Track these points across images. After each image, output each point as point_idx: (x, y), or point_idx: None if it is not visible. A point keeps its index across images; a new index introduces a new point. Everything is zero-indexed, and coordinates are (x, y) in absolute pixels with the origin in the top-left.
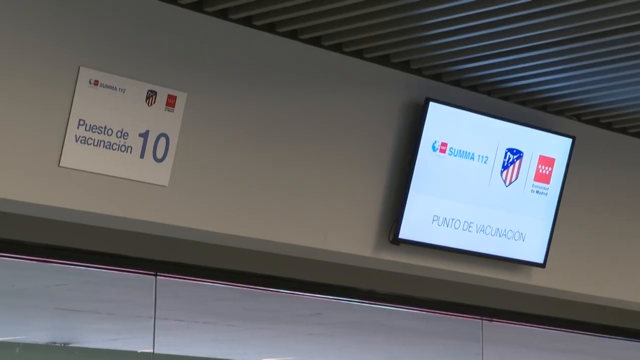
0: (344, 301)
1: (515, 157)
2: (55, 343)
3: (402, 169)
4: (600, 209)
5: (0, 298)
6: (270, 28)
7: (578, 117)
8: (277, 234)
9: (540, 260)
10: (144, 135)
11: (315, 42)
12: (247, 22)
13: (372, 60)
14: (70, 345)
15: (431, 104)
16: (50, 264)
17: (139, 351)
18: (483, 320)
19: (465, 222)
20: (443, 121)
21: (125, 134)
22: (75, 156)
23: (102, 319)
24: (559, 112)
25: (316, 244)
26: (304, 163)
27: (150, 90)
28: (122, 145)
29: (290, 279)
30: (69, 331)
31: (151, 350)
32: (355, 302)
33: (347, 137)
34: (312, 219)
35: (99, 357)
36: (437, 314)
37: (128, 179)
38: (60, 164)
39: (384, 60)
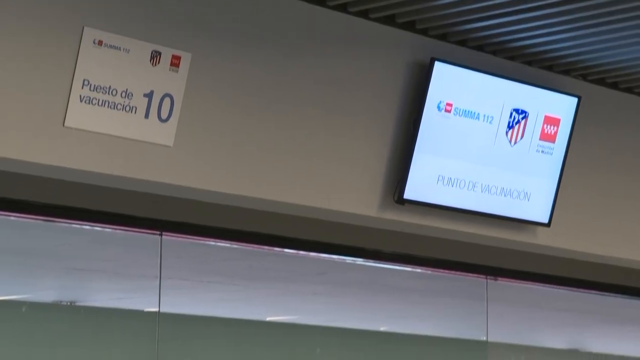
0: (348, 261)
1: (520, 116)
2: (61, 302)
3: (407, 129)
4: (605, 169)
5: (6, 257)
6: None
7: (584, 77)
8: (281, 194)
9: (545, 220)
10: (149, 96)
11: (320, 2)
12: None
13: (377, 20)
14: (76, 304)
15: (436, 63)
16: (56, 223)
17: (145, 310)
18: (488, 279)
19: (470, 182)
20: (448, 81)
21: (130, 94)
22: (80, 116)
23: (108, 278)
24: (565, 72)
25: (320, 204)
26: (308, 124)
27: (155, 51)
28: (126, 106)
29: (295, 238)
30: (74, 290)
31: (157, 309)
32: (360, 262)
33: (352, 98)
34: (316, 179)
35: (105, 316)
36: (442, 273)
37: (133, 139)
38: (65, 124)
39: (389, 21)
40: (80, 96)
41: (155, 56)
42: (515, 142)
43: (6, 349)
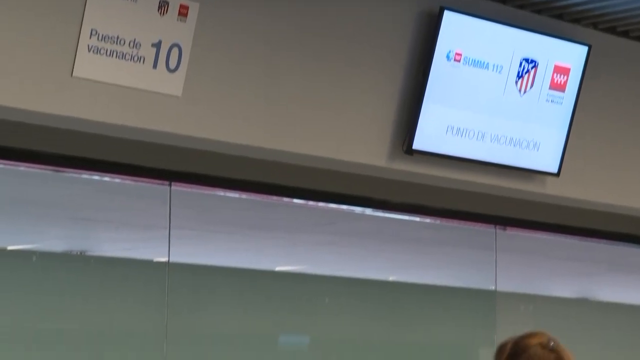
0: (357, 211)
1: (530, 65)
2: (70, 252)
3: (416, 79)
4: (615, 118)
5: (15, 207)
6: None
7: (594, 26)
8: (290, 145)
9: (555, 170)
10: (157, 46)
11: None
12: None
13: None
14: (85, 254)
15: (446, 12)
16: (64, 173)
17: (154, 260)
18: (496, 229)
19: (479, 131)
20: (458, 30)
21: (138, 44)
22: (88, 66)
23: (117, 228)
24: (575, 21)
25: (329, 154)
26: (316, 75)
27: (163, 0)
28: (134, 56)
29: (304, 188)
30: (84, 240)
31: (166, 260)
32: (369, 212)
33: (361, 48)
34: (325, 130)
35: (115, 266)
36: (451, 223)
37: (141, 89)
38: (73, 74)
39: None
40: (89, 46)
41: (163, 5)
42: (524, 92)
43: (16, 298)
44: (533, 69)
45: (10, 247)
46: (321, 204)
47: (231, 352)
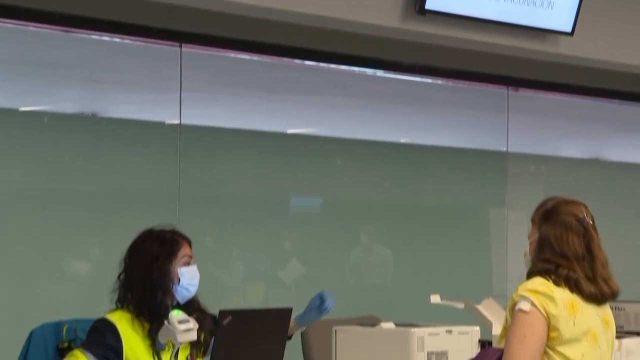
0: (369, 72)
1: None
2: (82, 113)
3: None
4: None
5: (26, 68)
6: None
7: None
8: (301, 5)
9: (569, 29)
10: None
11: None
12: None
13: None
14: (97, 115)
15: None
16: (74, 34)
17: (166, 122)
18: (509, 90)
19: None
20: None
21: None
22: None
23: (128, 90)
24: None
25: (341, 15)
26: None
27: None
28: None
29: (315, 50)
30: (95, 102)
31: (178, 122)
32: (381, 74)
33: None
34: None
35: (126, 128)
36: (463, 85)
37: None
38: None
39: None
40: None
41: None
42: None
43: (28, 159)
44: None
45: (22, 108)
46: (333, 66)
47: (243, 213)
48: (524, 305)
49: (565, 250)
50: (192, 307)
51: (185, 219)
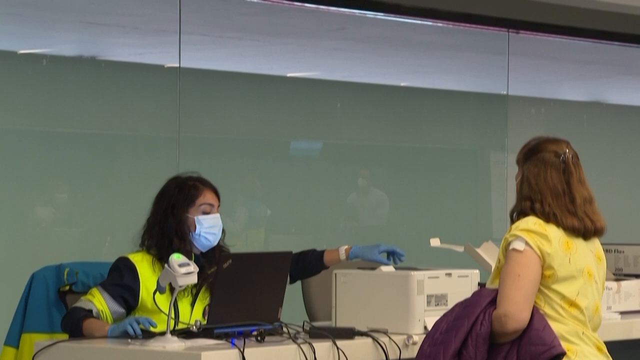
0: (369, 15)
1: None
2: (81, 56)
3: None
4: None
5: (24, 10)
6: None
7: None
8: None
9: None
10: None
11: None
12: None
13: None
14: (96, 58)
15: None
16: None
17: (166, 65)
18: (509, 32)
19: None
20: None
21: None
22: None
23: (127, 33)
24: None
25: None
26: None
27: None
28: None
29: None
30: (94, 45)
31: (177, 65)
32: (381, 16)
33: None
34: None
35: (126, 71)
36: (463, 27)
37: None
38: None
39: None
40: None
41: None
42: None
43: (27, 102)
44: None
45: (20, 51)
46: (332, 9)
47: (243, 157)
48: (517, 245)
49: (542, 187)
50: (215, 257)
51: (185, 163)
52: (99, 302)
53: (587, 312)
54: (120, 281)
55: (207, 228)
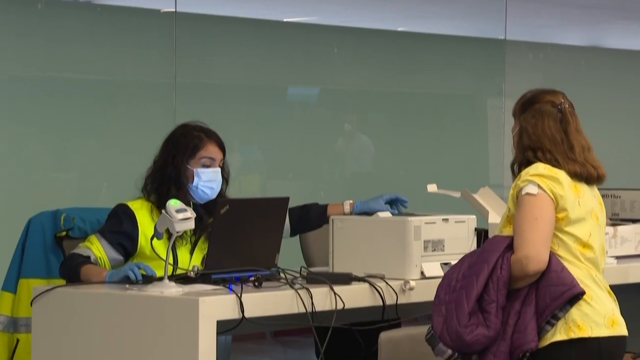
0: None
1: None
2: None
3: None
4: None
5: None
6: None
7: None
8: None
9: None
10: None
11: None
12: None
13: None
14: (92, 2)
15: None
16: None
17: (162, 10)
18: None
19: None
20: None
21: None
22: None
23: None
24: None
25: None
26: None
27: None
28: None
29: None
30: None
31: (173, 9)
32: None
33: None
34: None
35: (122, 15)
36: None
37: None
38: None
39: None
40: None
41: None
42: None
43: (24, 46)
44: None
45: None
46: None
47: (240, 103)
48: (531, 189)
49: (541, 136)
50: (214, 207)
51: (181, 108)
52: (97, 249)
53: (597, 254)
54: (119, 228)
55: (206, 182)
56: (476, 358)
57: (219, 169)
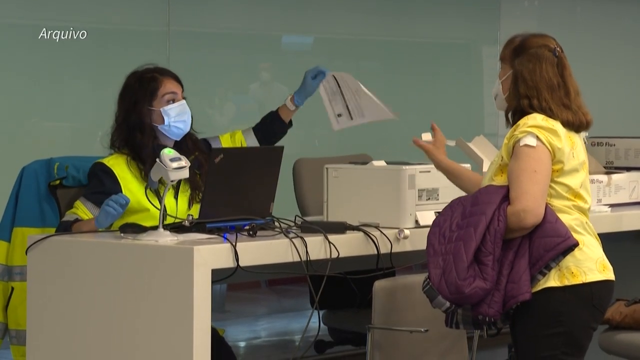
0: None
1: None
2: None
3: None
4: None
5: None
6: None
7: None
8: None
9: None
10: None
11: None
12: None
13: None
14: None
15: None
16: None
17: None
18: None
19: None
20: None
21: None
22: None
23: None
24: None
25: None
26: None
27: None
28: None
29: None
30: None
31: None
32: None
33: None
34: None
35: None
36: None
37: None
38: None
39: None
40: None
41: None
42: None
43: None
44: None
45: None
46: None
47: (234, 52)
48: (530, 141)
49: (538, 82)
50: (187, 146)
51: (175, 57)
52: (84, 212)
53: (588, 202)
54: (101, 188)
55: (176, 117)
56: (470, 308)
57: (184, 101)
